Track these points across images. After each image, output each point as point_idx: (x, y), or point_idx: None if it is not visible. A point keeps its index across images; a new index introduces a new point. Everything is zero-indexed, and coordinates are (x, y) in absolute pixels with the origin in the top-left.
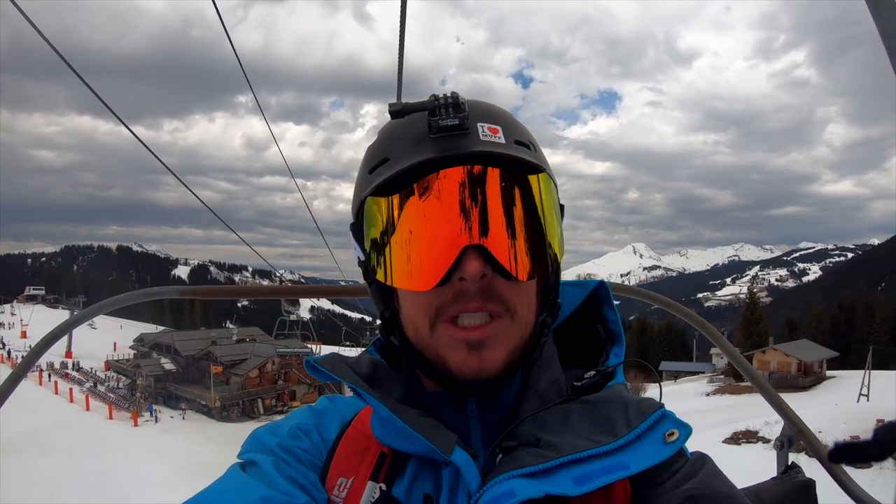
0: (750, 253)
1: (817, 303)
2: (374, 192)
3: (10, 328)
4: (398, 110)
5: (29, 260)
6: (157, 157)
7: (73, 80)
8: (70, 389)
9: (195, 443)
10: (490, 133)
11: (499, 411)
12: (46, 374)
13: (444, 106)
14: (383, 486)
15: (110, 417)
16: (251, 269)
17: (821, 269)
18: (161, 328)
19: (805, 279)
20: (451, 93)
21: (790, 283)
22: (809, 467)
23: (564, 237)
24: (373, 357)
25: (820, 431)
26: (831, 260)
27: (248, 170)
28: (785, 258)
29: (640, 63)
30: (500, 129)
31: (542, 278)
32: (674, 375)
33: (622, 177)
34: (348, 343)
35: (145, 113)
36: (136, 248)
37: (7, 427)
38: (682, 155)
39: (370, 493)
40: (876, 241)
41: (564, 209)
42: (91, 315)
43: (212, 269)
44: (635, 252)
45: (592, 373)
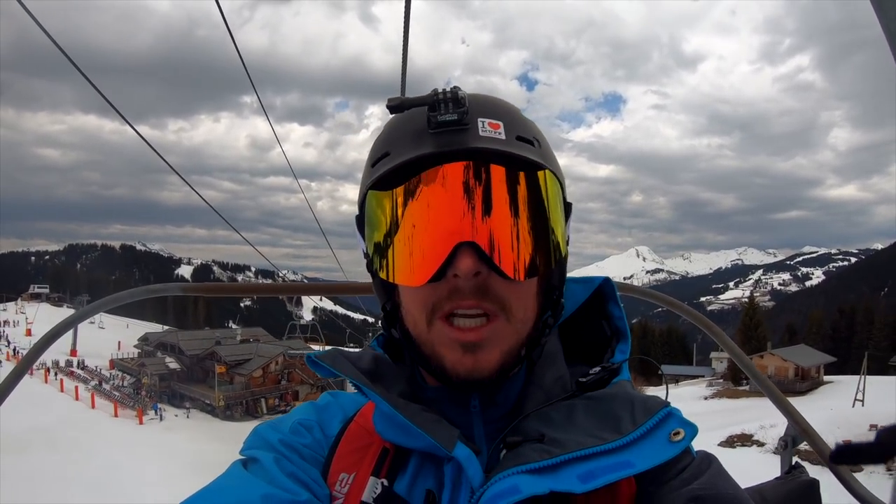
0: (753, 257)
1: (820, 307)
2: (372, 186)
3: (14, 326)
4: (396, 105)
5: (32, 258)
6: (161, 157)
7: (80, 79)
8: (76, 387)
9: (200, 441)
10: (490, 129)
11: (502, 407)
12: (53, 372)
13: (444, 101)
14: (385, 482)
15: (115, 415)
16: (254, 270)
17: (824, 273)
18: (165, 328)
19: (808, 283)
20: (452, 87)
21: (793, 288)
22: (813, 468)
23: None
24: (375, 352)
25: None
26: (835, 264)
27: (252, 170)
28: (788, 262)
29: (645, 66)
30: (501, 124)
31: (540, 278)
32: (674, 379)
33: (626, 180)
34: (352, 344)
35: (150, 112)
36: (139, 247)
37: (14, 423)
38: (686, 158)
39: (372, 488)
40: (879, 246)
41: (571, 208)
42: (94, 312)
43: (215, 268)
44: (638, 255)
45: (597, 369)
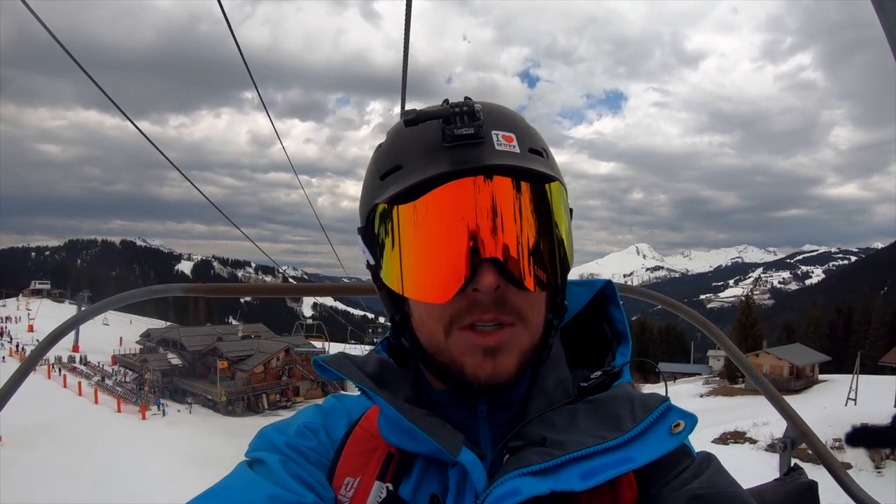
0: (753, 255)
1: (819, 306)
2: (386, 200)
3: (17, 322)
4: (412, 118)
5: (33, 253)
6: (162, 153)
7: (80, 74)
8: (79, 383)
9: (202, 436)
10: (505, 142)
11: (507, 412)
12: (56, 368)
13: (459, 114)
14: (390, 486)
15: (119, 410)
16: (254, 265)
17: (824, 272)
18: (167, 324)
19: (808, 282)
20: (465, 98)
21: (793, 286)
22: (805, 464)
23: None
24: (380, 356)
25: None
26: (835, 263)
27: (252, 166)
28: (788, 261)
29: (647, 63)
30: (514, 136)
31: (554, 288)
32: (672, 377)
33: (627, 177)
34: (353, 341)
35: (151, 108)
36: (139, 242)
37: (19, 419)
38: (687, 156)
39: (377, 492)
40: (879, 245)
41: (573, 212)
42: (96, 313)
43: (215, 264)
44: (638, 252)
45: (599, 373)
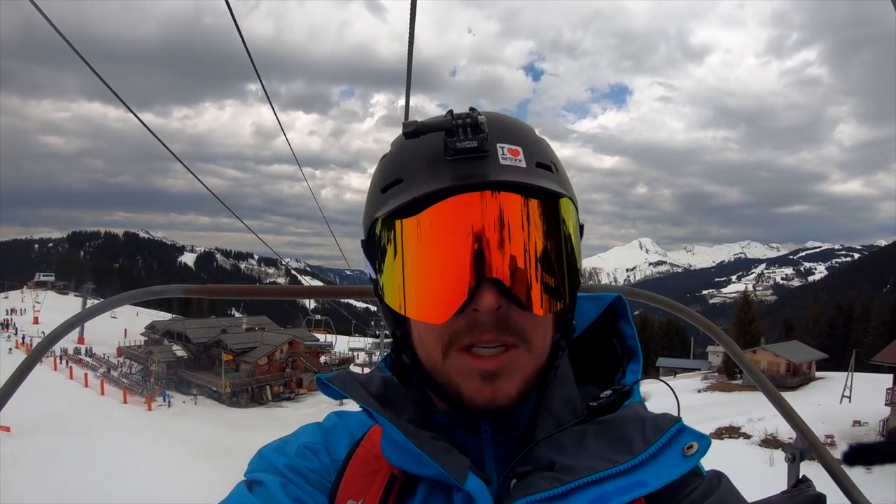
0: (756, 251)
1: (822, 303)
2: (386, 215)
3: (22, 314)
4: (412, 131)
5: (36, 245)
6: (165, 145)
7: (84, 67)
8: (85, 374)
9: (207, 427)
10: (510, 155)
11: (513, 432)
12: (63, 360)
13: (462, 126)
14: None
15: (125, 402)
16: (257, 257)
17: (827, 268)
18: (172, 316)
19: (811, 279)
20: (470, 109)
21: (796, 282)
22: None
23: None
24: (384, 374)
25: None
26: (837, 260)
27: (256, 157)
28: (791, 257)
29: (652, 58)
30: (520, 150)
31: (560, 310)
32: (672, 372)
33: (631, 171)
34: (357, 335)
35: (155, 100)
36: (142, 234)
37: (27, 410)
38: (691, 151)
39: None
40: (883, 243)
41: (584, 229)
42: (98, 312)
43: (218, 256)
44: (641, 247)
45: (608, 392)
